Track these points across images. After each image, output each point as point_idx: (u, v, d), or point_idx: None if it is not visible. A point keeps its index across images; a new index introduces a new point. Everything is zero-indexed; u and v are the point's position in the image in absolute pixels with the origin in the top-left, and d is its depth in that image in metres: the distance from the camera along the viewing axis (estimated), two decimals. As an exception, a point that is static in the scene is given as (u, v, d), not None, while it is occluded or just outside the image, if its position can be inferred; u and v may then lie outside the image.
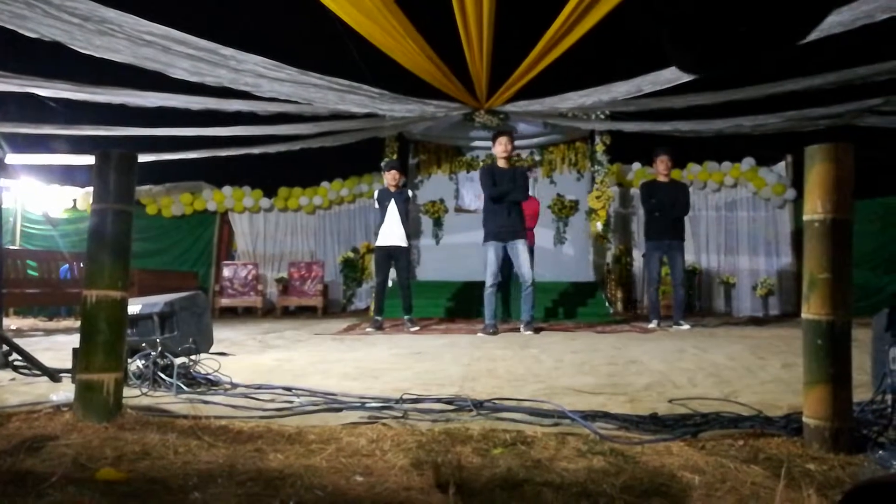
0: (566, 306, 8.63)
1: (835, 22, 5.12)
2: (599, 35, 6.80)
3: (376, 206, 6.77)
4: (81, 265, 8.89)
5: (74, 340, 5.48)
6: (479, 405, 2.40)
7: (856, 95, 7.45)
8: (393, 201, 6.70)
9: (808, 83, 6.85)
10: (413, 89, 8.02)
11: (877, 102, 7.41)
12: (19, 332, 6.90)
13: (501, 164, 6.34)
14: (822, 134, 8.33)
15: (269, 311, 10.45)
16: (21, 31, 5.14)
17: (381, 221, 6.70)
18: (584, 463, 1.71)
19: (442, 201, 11.16)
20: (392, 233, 6.65)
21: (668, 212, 6.80)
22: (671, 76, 6.77)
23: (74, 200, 10.86)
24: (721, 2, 0.85)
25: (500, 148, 6.32)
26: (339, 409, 2.38)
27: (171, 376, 2.81)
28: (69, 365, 3.14)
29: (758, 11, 0.83)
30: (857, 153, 1.94)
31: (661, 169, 6.99)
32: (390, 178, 6.81)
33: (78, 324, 7.65)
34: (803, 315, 1.96)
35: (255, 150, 9.29)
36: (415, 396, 2.57)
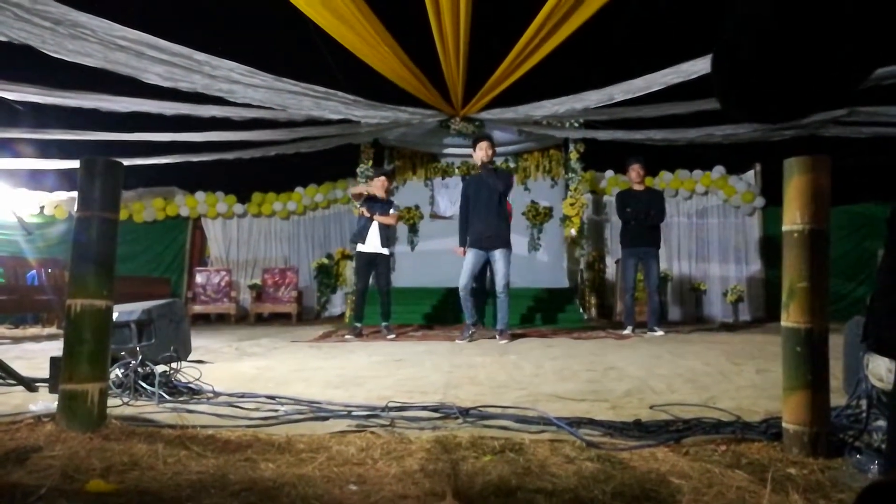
0: (541, 312, 8.69)
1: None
2: (574, 45, 6.91)
3: (362, 209, 6.76)
4: (49, 271, 8.73)
5: (44, 349, 5.43)
6: (465, 413, 2.42)
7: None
8: (379, 208, 6.74)
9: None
10: (389, 96, 8.03)
11: (842, 113, 7.60)
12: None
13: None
14: (788, 144, 8.54)
15: (242, 318, 10.34)
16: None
17: (363, 225, 6.70)
18: (573, 469, 1.73)
19: (417, 208, 11.18)
20: (375, 239, 6.67)
21: (642, 220, 6.89)
22: (642, 84, 6.89)
23: (42, 206, 10.65)
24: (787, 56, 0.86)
25: (480, 154, 6.21)
26: (326, 418, 2.38)
27: (151, 385, 2.78)
28: (44, 374, 3.09)
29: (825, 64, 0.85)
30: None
31: (633, 177, 7.09)
32: (381, 185, 6.88)
33: (46, 331, 7.43)
34: (783, 323, 2.01)
35: (229, 156, 9.21)
36: (400, 404, 2.58)
